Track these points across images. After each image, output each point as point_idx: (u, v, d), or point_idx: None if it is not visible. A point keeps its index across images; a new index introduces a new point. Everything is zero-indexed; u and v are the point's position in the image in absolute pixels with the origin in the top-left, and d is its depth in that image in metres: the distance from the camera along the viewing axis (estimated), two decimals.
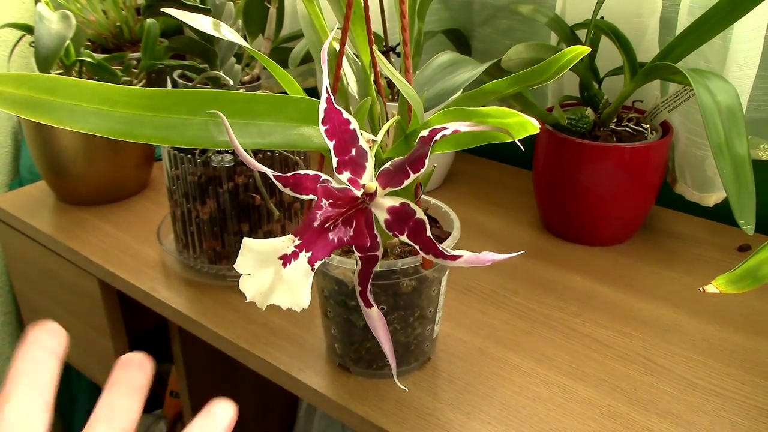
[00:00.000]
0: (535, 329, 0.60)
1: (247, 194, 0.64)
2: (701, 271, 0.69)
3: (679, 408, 0.51)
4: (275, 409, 1.03)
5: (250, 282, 0.36)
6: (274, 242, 0.36)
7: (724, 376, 0.55)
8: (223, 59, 0.67)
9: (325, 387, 0.54)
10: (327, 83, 0.35)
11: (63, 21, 0.71)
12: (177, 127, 0.37)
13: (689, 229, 0.76)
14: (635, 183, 0.69)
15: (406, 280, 0.50)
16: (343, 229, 0.37)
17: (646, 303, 0.64)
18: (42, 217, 0.82)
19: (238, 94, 0.39)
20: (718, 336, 0.59)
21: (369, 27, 0.48)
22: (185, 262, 0.69)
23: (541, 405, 0.52)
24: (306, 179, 0.36)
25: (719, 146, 0.52)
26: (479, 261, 0.36)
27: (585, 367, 0.56)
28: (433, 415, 0.51)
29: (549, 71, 0.39)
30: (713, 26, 0.58)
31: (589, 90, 0.72)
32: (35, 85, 0.35)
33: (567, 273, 0.68)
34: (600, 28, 0.69)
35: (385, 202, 0.38)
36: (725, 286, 0.34)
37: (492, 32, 0.88)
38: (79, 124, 0.35)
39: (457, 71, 0.60)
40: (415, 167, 0.36)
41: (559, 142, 0.69)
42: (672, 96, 0.68)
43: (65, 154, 0.79)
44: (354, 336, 0.53)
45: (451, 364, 0.56)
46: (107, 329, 0.80)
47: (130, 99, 0.37)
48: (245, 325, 0.62)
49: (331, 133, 0.36)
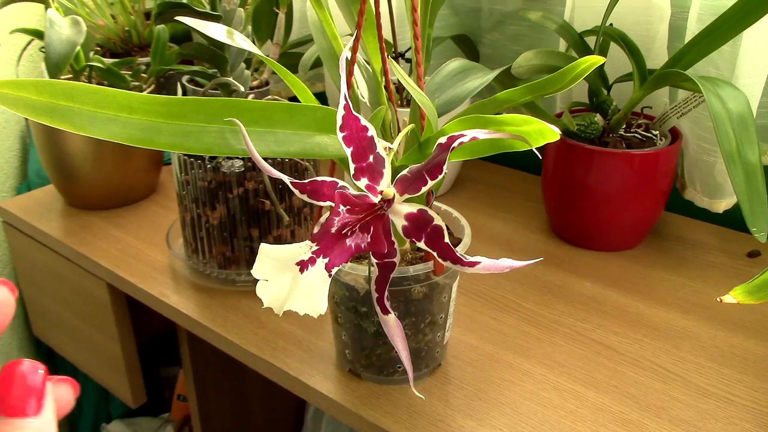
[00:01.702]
0: (545, 335, 0.60)
1: (257, 200, 0.65)
2: (711, 277, 0.69)
3: (691, 415, 0.51)
4: (282, 413, 1.03)
5: (267, 288, 0.36)
6: (291, 248, 0.36)
7: (736, 382, 0.55)
8: (233, 65, 0.67)
9: (335, 393, 0.54)
10: (345, 90, 0.35)
11: (74, 26, 0.71)
12: (194, 135, 0.37)
13: (699, 235, 0.76)
14: (644, 189, 0.69)
15: (417, 287, 0.50)
16: (361, 236, 0.37)
17: (656, 309, 0.64)
18: (50, 221, 0.82)
19: (255, 103, 0.39)
20: (730, 342, 0.59)
21: (380, 34, 0.48)
22: (194, 266, 0.70)
23: (552, 411, 0.52)
24: (323, 186, 0.36)
25: (731, 154, 0.52)
26: (497, 267, 0.36)
27: (596, 374, 0.56)
28: (444, 422, 0.51)
29: (563, 81, 0.39)
30: (723, 34, 0.58)
31: (598, 96, 0.73)
32: (55, 91, 0.35)
33: (577, 279, 0.68)
34: (609, 34, 0.69)
35: (402, 208, 0.38)
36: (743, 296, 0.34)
37: (500, 38, 0.88)
38: (98, 131, 0.35)
39: (467, 78, 0.60)
40: (432, 174, 0.36)
41: (569, 149, 0.70)
42: (681, 102, 0.68)
43: (74, 158, 0.79)
44: (365, 342, 0.53)
45: (462, 370, 0.56)
46: (116, 333, 0.80)
47: (149, 106, 0.37)
48: (255, 330, 0.62)
49: (349, 139, 0.36)
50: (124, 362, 0.82)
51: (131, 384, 0.84)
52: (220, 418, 0.89)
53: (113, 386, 0.87)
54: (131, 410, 1.16)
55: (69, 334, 0.90)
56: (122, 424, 1.13)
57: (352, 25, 0.52)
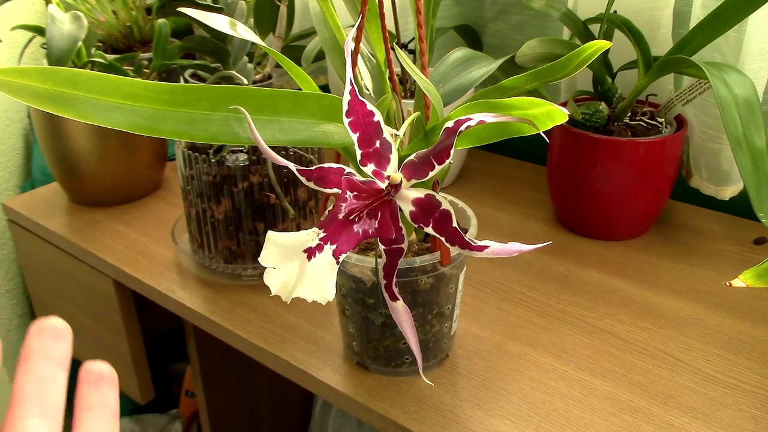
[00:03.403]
0: (552, 325, 0.60)
1: (262, 193, 0.65)
2: (718, 265, 0.68)
3: (699, 402, 0.51)
4: (290, 406, 1.03)
5: (274, 275, 0.36)
6: (298, 235, 0.36)
7: (744, 369, 0.55)
8: (236, 58, 0.67)
9: (343, 385, 0.54)
10: (350, 75, 0.35)
11: (75, 22, 0.71)
12: (199, 122, 0.37)
13: (705, 223, 0.76)
14: (650, 177, 0.68)
15: (424, 278, 0.50)
16: (368, 222, 0.37)
17: (663, 297, 0.64)
18: (55, 218, 0.82)
19: (260, 90, 0.39)
20: (737, 329, 0.59)
21: (384, 24, 0.48)
22: (200, 261, 0.70)
23: (560, 401, 0.52)
24: (330, 172, 0.36)
25: (737, 139, 0.52)
26: (506, 251, 0.36)
27: (604, 362, 0.55)
28: (452, 412, 0.51)
29: (569, 67, 0.39)
30: (728, 19, 0.58)
31: (602, 84, 0.72)
32: (58, 78, 0.34)
33: (583, 268, 0.68)
34: (613, 22, 0.69)
35: (410, 194, 0.38)
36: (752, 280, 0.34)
37: (503, 28, 0.87)
38: (102, 119, 0.35)
39: (471, 67, 0.59)
40: (440, 158, 0.36)
41: (574, 138, 0.69)
42: (686, 89, 0.68)
43: (78, 155, 0.79)
44: (372, 334, 0.53)
45: (470, 360, 0.56)
46: (122, 330, 0.80)
47: (153, 93, 0.36)
48: (262, 323, 0.62)
49: (356, 125, 0.36)
50: (131, 358, 0.82)
51: (139, 380, 0.84)
52: (228, 413, 0.89)
53: (121, 383, 0.88)
54: (139, 406, 1.16)
55: (76, 332, 0.89)
56: (130, 420, 1.14)
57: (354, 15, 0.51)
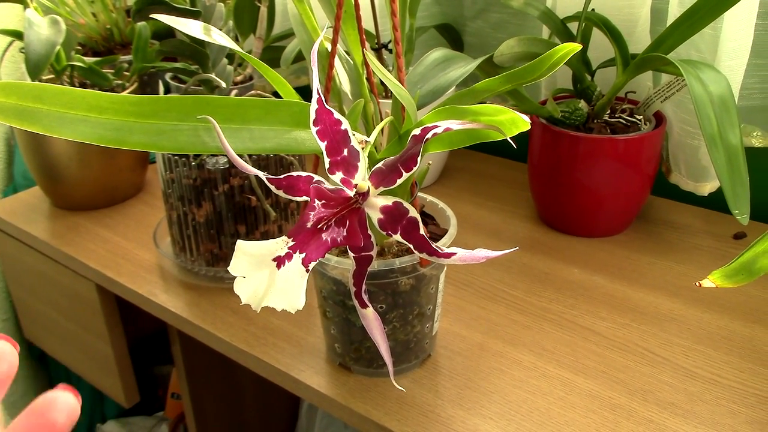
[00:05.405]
0: (533, 323, 0.60)
1: (243, 196, 0.64)
2: (698, 260, 0.69)
3: (679, 397, 0.52)
4: (277, 408, 1.03)
5: (244, 285, 0.36)
6: (267, 244, 0.36)
7: (723, 364, 0.55)
8: (215, 61, 0.67)
9: (325, 387, 0.54)
10: (317, 84, 0.35)
11: (53, 26, 0.71)
12: (167, 133, 0.37)
13: (685, 219, 0.76)
14: (630, 174, 0.69)
15: (404, 279, 0.50)
16: (337, 230, 0.37)
17: (643, 293, 0.64)
18: (37, 223, 0.82)
19: (229, 99, 0.39)
20: (716, 324, 0.60)
21: (360, 26, 0.48)
22: (182, 265, 0.69)
23: (541, 399, 0.52)
24: (299, 181, 0.36)
25: (712, 137, 0.52)
26: (473, 258, 0.37)
27: (584, 360, 0.56)
28: (434, 412, 0.51)
29: (541, 69, 0.39)
30: (704, 16, 0.58)
31: (582, 82, 0.73)
32: (22, 93, 0.34)
33: (564, 265, 0.69)
34: (591, 20, 0.69)
35: (377, 201, 0.38)
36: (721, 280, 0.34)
37: (484, 26, 0.87)
38: (68, 132, 0.35)
39: (449, 67, 0.60)
40: (407, 166, 0.36)
41: (554, 135, 0.70)
42: (664, 86, 0.68)
43: (59, 160, 0.79)
44: (353, 335, 0.53)
45: (451, 360, 0.56)
46: (106, 334, 0.80)
47: (120, 105, 0.36)
48: (244, 326, 0.62)
49: (323, 133, 0.36)
50: (115, 362, 0.81)
51: (124, 384, 0.84)
52: (214, 415, 0.89)
53: (106, 387, 0.87)
54: (125, 410, 1.16)
55: (60, 337, 0.90)
56: (117, 424, 1.13)
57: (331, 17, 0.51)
